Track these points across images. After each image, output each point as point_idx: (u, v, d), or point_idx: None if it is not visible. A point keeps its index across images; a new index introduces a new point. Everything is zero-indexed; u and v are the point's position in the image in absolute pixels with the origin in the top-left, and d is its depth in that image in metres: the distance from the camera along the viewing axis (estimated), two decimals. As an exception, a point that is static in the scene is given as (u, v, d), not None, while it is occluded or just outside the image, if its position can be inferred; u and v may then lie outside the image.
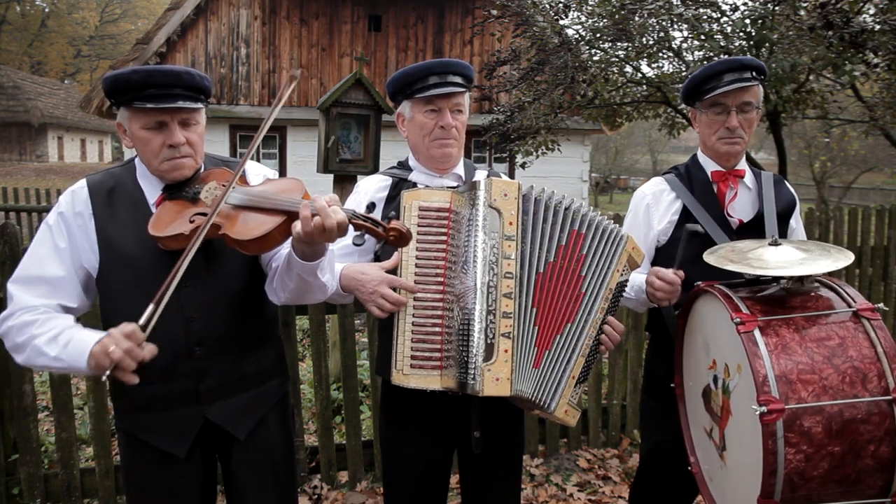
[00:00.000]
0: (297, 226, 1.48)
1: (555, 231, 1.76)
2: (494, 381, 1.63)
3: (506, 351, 1.65)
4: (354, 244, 1.52)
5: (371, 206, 1.58)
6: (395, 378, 1.70)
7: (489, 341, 1.64)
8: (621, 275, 1.85)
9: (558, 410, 1.76)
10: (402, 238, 1.54)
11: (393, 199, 1.92)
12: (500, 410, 1.90)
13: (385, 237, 1.53)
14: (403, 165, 2.04)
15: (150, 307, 1.48)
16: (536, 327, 1.72)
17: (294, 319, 3.26)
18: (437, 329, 1.70)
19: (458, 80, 1.90)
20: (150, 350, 1.48)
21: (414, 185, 1.94)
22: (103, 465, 3.05)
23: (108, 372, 1.46)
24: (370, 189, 1.98)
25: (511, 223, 1.70)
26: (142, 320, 1.47)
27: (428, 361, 1.69)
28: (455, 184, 1.97)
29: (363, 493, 3.34)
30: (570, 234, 1.77)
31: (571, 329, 1.77)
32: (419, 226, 1.72)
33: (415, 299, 1.71)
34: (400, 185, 1.95)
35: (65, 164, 29.64)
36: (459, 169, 2.01)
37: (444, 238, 1.72)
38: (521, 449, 2.07)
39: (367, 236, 1.52)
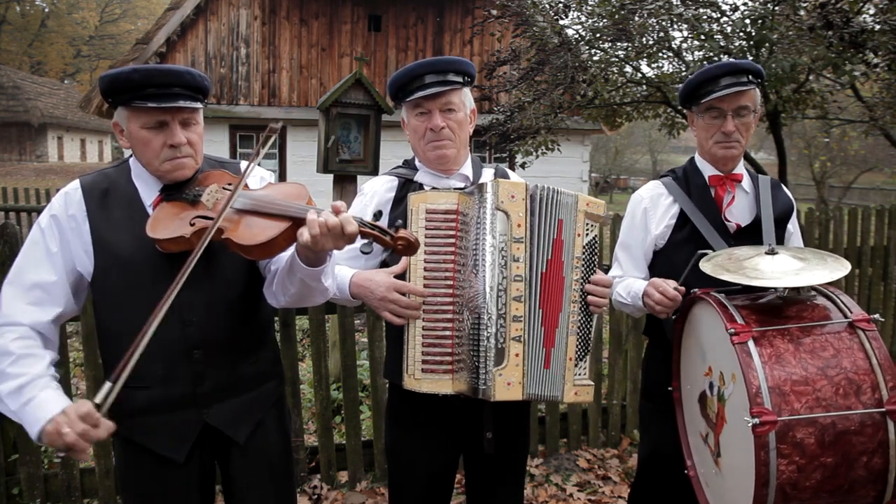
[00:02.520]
0: (305, 233, 1.46)
1: (552, 226, 1.74)
2: (506, 385, 1.62)
3: (517, 355, 1.64)
4: (362, 252, 1.50)
5: (378, 214, 1.56)
6: (406, 383, 1.69)
7: (500, 346, 1.62)
8: (585, 236, 1.79)
9: (567, 396, 1.75)
10: (410, 247, 1.52)
11: (400, 202, 1.89)
12: (508, 413, 1.90)
13: (393, 246, 1.51)
14: (409, 164, 2.01)
15: (107, 385, 1.42)
16: (543, 328, 1.71)
17: (294, 319, 3.26)
18: (447, 333, 1.69)
19: (451, 77, 1.84)
20: (106, 429, 1.44)
21: (420, 186, 1.91)
22: (103, 465, 3.05)
23: (62, 453, 1.43)
24: (378, 191, 1.95)
25: (520, 225, 1.67)
26: (98, 398, 1.42)
27: (439, 366, 1.68)
28: (462, 184, 1.94)
29: (363, 493, 3.34)
30: (557, 224, 1.74)
31: (562, 317, 1.75)
32: (427, 228, 1.70)
33: (424, 303, 1.69)
34: (406, 185, 1.92)
35: (65, 164, 29.63)
36: (466, 168, 1.98)
37: (453, 241, 1.70)
38: (527, 451, 2.07)
39: (374, 244, 1.51)
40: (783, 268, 1.73)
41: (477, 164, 2.02)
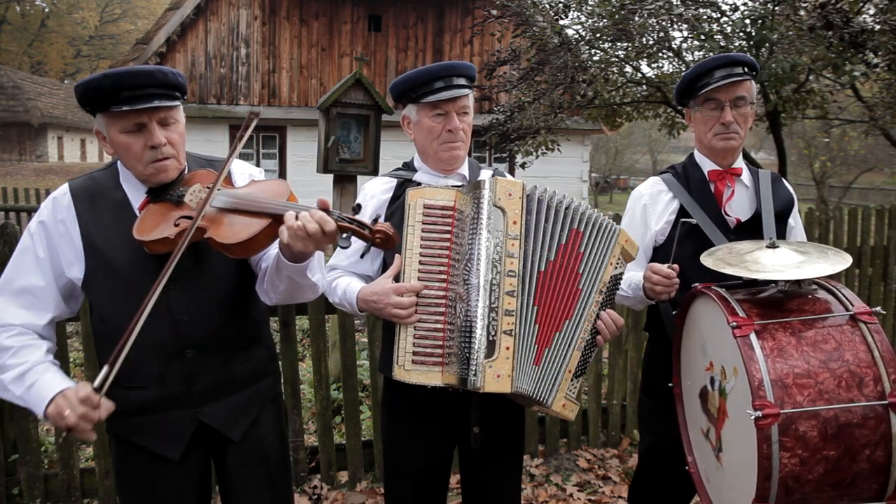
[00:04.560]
0: (284, 233, 1.48)
1: (556, 230, 1.77)
2: (496, 377, 1.64)
3: (507, 348, 1.66)
4: (340, 247, 1.52)
5: (357, 208, 1.57)
6: (396, 373, 1.71)
7: (491, 338, 1.65)
8: (615, 268, 1.86)
9: (555, 405, 1.77)
10: (389, 240, 1.54)
11: (396, 200, 1.93)
12: (499, 408, 1.92)
13: (371, 238, 1.53)
14: (409, 166, 2.05)
15: (105, 369, 1.46)
16: (537, 325, 1.73)
17: (294, 319, 3.26)
18: (439, 326, 1.72)
19: (463, 81, 1.90)
20: (106, 409, 1.48)
21: (418, 185, 1.94)
22: (103, 465, 3.05)
23: (63, 433, 1.50)
24: (375, 193, 1.99)
25: (515, 222, 1.71)
26: (97, 382, 1.46)
27: (430, 357, 1.71)
28: (459, 183, 1.97)
29: (363, 493, 3.34)
30: (569, 232, 1.78)
31: (569, 325, 1.78)
32: (423, 223, 1.73)
33: (418, 296, 1.72)
34: (404, 185, 1.95)
35: (65, 164, 29.62)
36: (464, 169, 2.01)
37: (448, 236, 1.74)
38: (521, 447, 2.08)
39: (353, 239, 1.52)
40: (784, 261, 1.73)
41: (474, 167, 2.05)
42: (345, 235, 1.51)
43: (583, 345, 1.81)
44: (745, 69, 2.05)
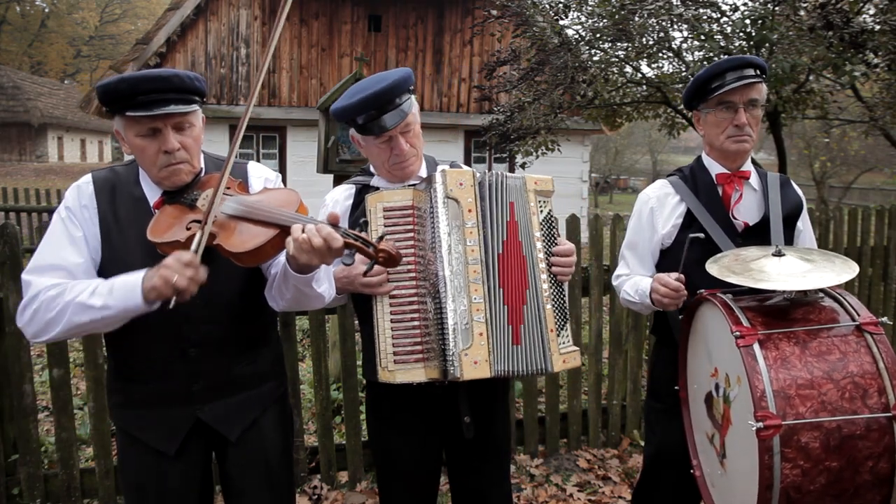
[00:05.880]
0: (290, 244, 1.48)
1: (504, 210, 1.80)
2: (473, 364, 1.67)
3: (481, 334, 1.69)
4: (344, 264, 1.53)
5: (363, 224, 1.59)
6: (381, 376, 1.74)
7: (463, 327, 1.68)
8: (540, 213, 1.85)
9: (556, 366, 1.79)
10: (391, 259, 1.55)
11: (358, 206, 1.94)
12: (484, 397, 1.94)
13: (374, 257, 1.53)
14: (366, 172, 2.06)
15: (198, 234, 1.51)
16: (506, 306, 1.76)
17: (294, 319, 3.27)
18: (415, 323, 1.75)
19: (404, 101, 1.84)
20: (204, 269, 1.51)
21: (377, 189, 1.95)
22: (103, 465, 3.05)
23: (173, 300, 1.48)
24: (337, 200, 2.00)
25: (470, 210, 1.74)
26: (193, 246, 1.51)
27: (410, 355, 1.74)
28: (416, 182, 1.97)
29: (363, 493, 3.34)
30: (509, 208, 1.81)
31: (530, 294, 1.80)
32: (385, 226, 1.77)
33: (390, 297, 1.76)
34: (364, 191, 1.96)
35: (65, 164, 29.63)
36: (422, 171, 2.01)
37: (411, 234, 1.77)
38: (508, 436, 2.10)
39: (357, 255, 1.53)
40: (790, 270, 1.72)
41: (431, 165, 2.06)
42: (348, 252, 1.52)
43: (550, 300, 1.82)
44: (757, 71, 2.04)
